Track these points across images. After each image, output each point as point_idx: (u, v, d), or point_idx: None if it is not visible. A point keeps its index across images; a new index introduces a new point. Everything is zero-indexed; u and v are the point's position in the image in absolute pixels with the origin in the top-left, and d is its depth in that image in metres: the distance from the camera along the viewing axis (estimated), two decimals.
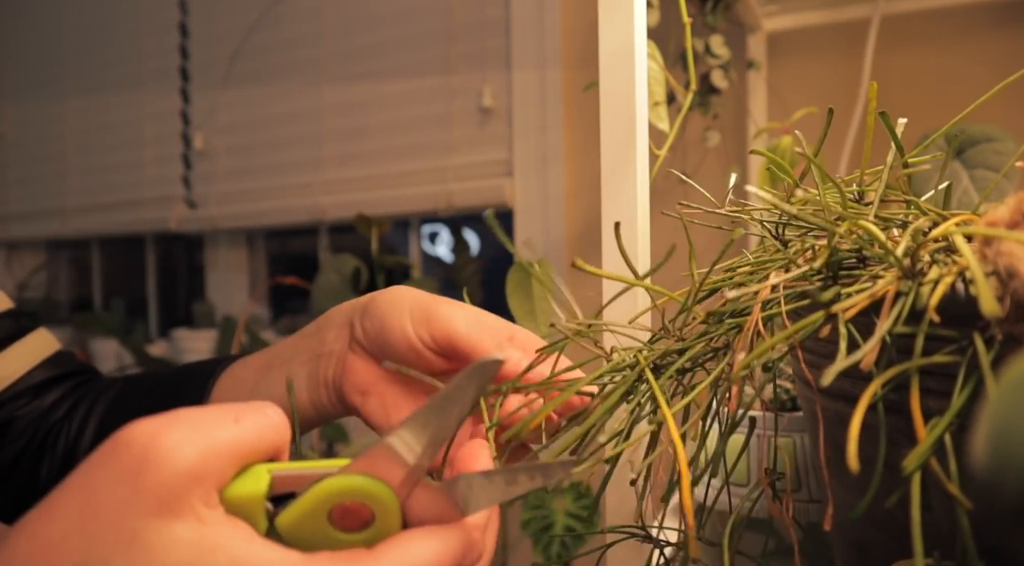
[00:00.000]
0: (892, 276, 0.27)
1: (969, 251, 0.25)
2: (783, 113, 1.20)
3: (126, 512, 0.23)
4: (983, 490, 0.17)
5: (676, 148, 1.33)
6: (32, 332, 0.55)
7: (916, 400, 0.25)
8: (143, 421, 0.24)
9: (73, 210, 2.00)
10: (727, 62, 1.16)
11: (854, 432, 0.23)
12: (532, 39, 1.44)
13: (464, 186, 1.50)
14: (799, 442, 0.55)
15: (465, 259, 1.54)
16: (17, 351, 0.54)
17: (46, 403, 0.54)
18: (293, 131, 1.70)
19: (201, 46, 1.82)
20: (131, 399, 0.54)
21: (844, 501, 0.37)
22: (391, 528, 0.27)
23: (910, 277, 0.27)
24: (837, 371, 0.24)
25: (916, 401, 0.25)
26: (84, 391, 0.56)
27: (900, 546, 0.30)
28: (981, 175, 0.70)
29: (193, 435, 0.24)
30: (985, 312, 0.23)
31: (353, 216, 1.44)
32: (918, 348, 0.26)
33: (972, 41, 1.14)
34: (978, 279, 0.23)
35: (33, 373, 0.54)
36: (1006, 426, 0.17)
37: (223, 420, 0.25)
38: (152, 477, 0.23)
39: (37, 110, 2.05)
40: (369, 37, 1.62)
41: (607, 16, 0.47)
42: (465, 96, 1.52)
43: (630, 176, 0.47)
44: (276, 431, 0.26)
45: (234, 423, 0.25)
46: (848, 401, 0.33)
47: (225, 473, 0.25)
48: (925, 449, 0.23)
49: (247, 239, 1.87)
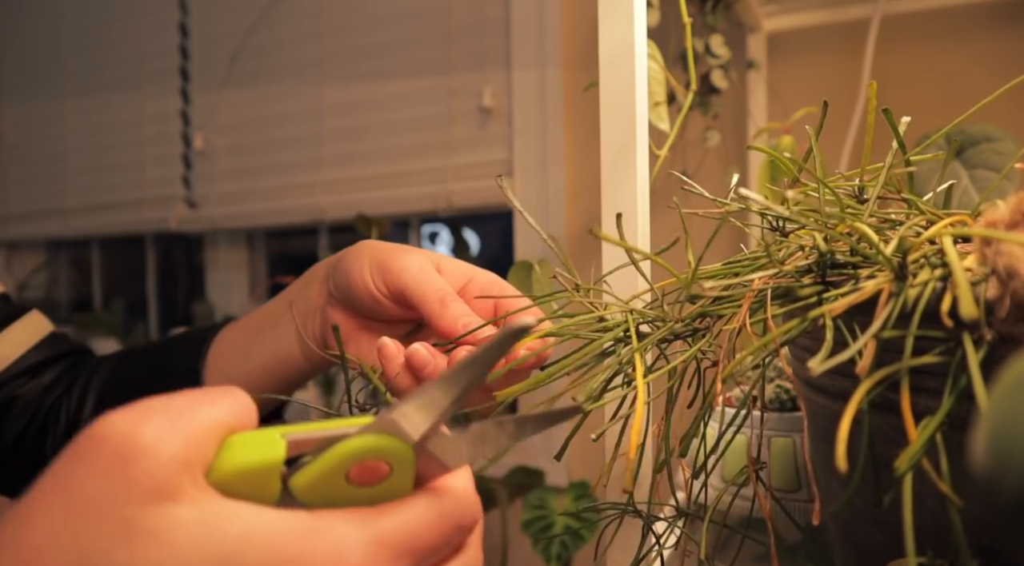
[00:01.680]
0: (884, 278, 0.27)
1: (954, 253, 0.25)
2: (783, 113, 1.20)
3: (118, 504, 0.22)
4: (982, 490, 0.17)
5: (676, 148, 1.33)
6: (25, 314, 0.56)
7: (907, 400, 0.25)
8: (116, 414, 0.24)
9: (73, 210, 2.00)
10: (727, 62, 1.16)
11: (843, 432, 0.23)
12: (532, 39, 1.44)
13: (464, 186, 1.50)
14: (799, 442, 0.54)
15: (465, 259, 1.53)
16: (13, 333, 0.55)
17: (45, 381, 0.55)
18: (293, 131, 1.70)
19: (201, 46, 1.82)
20: (128, 369, 0.56)
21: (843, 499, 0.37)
22: (406, 482, 0.27)
23: (901, 278, 0.27)
24: (821, 370, 0.24)
25: (907, 401, 0.25)
26: (81, 368, 0.57)
27: (900, 546, 0.30)
28: (981, 175, 0.70)
29: (174, 421, 0.24)
30: (963, 316, 0.23)
31: (353, 216, 1.44)
32: (908, 348, 0.26)
33: (972, 41, 1.14)
34: (960, 282, 0.23)
35: (29, 354, 0.55)
36: (1006, 426, 0.17)
37: (198, 404, 0.25)
38: (141, 466, 0.23)
39: (37, 110, 2.05)
40: (369, 37, 1.62)
41: (607, 16, 0.47)
42: (465, 96, 1.52)
43: (630, 176, 0.47)
44: (247, 410, 0.26)
45: (210, 405, 0.25)
46: (846, 400, 0.33)
47: (209, 455, 0.24)
48: (916, 449, 0.23)
49: (247, 239, 1.87)
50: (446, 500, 0.27)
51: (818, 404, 0.37)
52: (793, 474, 0.55)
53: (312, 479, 0.26)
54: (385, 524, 0.25)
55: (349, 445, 0.26)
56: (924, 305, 0.26)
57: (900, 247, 0.27)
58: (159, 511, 0.23)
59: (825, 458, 0.37)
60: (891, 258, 0.27)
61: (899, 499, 0.25)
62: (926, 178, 0.67)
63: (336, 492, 0.26)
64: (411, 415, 0.27)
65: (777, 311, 0.31)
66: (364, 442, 0.26)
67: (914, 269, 0.27)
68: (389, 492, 0.27)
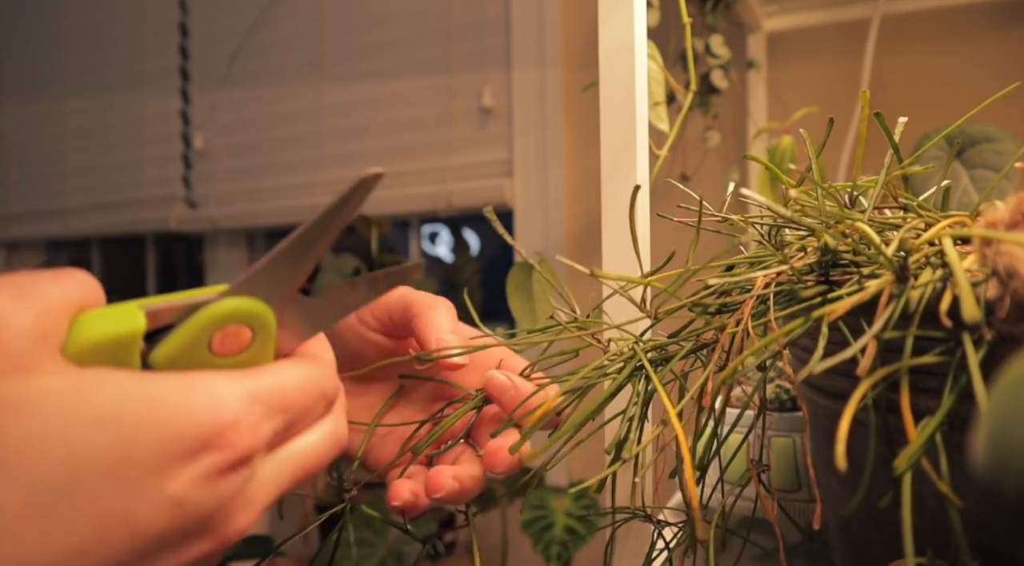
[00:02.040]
0: (885, 279, 0.27)
1: (955, 255, 0.25)
2: (783, 113, 1.20)
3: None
4: (982, 490, 0.17)
5: (676, 148, 1.33)
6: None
7: (906, 400, 0.25)
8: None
9: (73, 210, 2.00)
10: (727, 62, 1.16)
11: (843, 431, 0.23)
12: (532, 39, 1.44)
13: (464, 186, 1.50)
14: (799, 442, 0.55)
15: (465, 259, 1.54)
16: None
17: None
18: (293, 131, 1.70)
19: (201, 46, 1.82)
20: None
21: (843, 501, 0.37)
22: (267, 351, 0.27)
23: (902, 279, 0.27)
24: (820, 370, 0.24)
25: (907, 401, 0.25)
26: None
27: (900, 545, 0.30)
28: (981, 175, 0.70)
29: (20, 297, 0.23)
30: (966, 318, 0.23)
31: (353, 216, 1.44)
32: (908, 348, 0.26)
33: (972, 41, 1.14)
34: (961, 283, 0.23)
35: None
36: (1006, 426, 0.17)
37: (43, 282, 0.24)
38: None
39: (37, 110, 2.05)
40: (369, 37, 1.62)
41: (607, 16, 0.47)
42: (465, 96, 1.52)
43: (630, 176, 0.47)
44: (94, 290, 0.25)
45: (56, 283, 0.24)
46: (846, 400, 0.33)
47: (62, 331, 0.23)
48: (916, 449, 0.23)
49: (247, 239, 1.87)
50: (312, 365, 0.28)
51: (818, 404, 0.37)
52: (793, 474, 0.55)
53: (174, 350, 0.25)
54: (258, 382, 0.25)
55: (211, 310, 0.25)
56: (925, 306, 0.26)
57: (901, 248, 0.27)
58: (21, 384, 0.21)
59: (825, 458, 0.37)
60: (892, 259, 0.27)
61: (900, 499, 0.25)
62: (927, 178, 0.67)
63: (199, 363, 0.25)
64: (268, 279, 0.26)
65: (779, 313, 0.31)
66: (226, 306, 0.25)
67: (915, 270, 0.27)
68: (252, 361, 0.26)
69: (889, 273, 0.27)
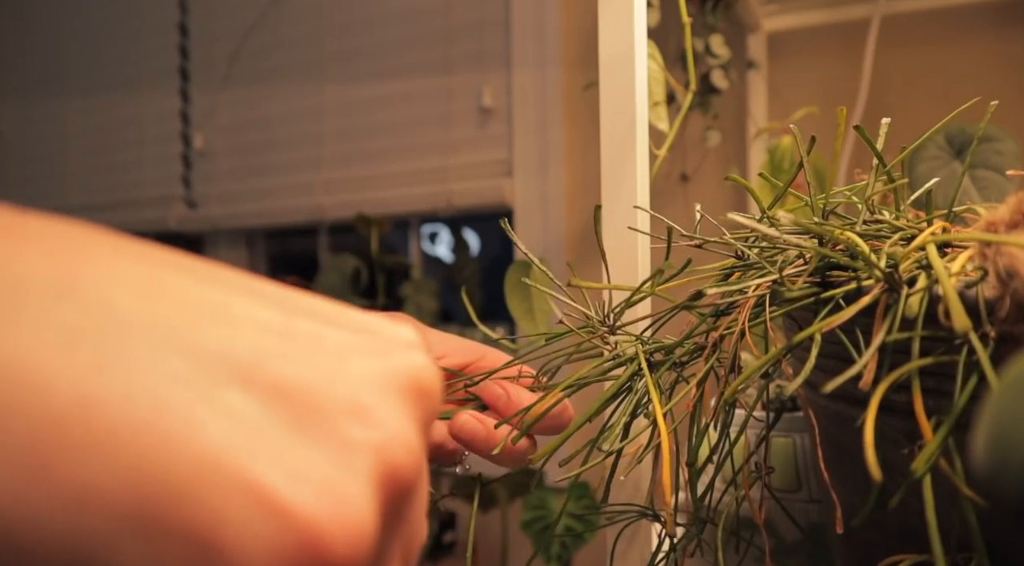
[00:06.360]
0: (879, 288, 0.27)
1: (940, 264, 0.25)
2: (783, 113, 1.20)
3: None
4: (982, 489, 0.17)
5: (676, 148, 1.33)
6: None
7: (919, 402, 0.25)
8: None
9: (73, 210, 2.00)
10: (727, 62, 1.16)
11: (869, 438, 0.23)
12: (532, 39, 1.44)
13: (464, 186, 1.50)
14: (799, 442, 0.55)
15: (465, 259, 1.54)
16: None
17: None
18: (293, 131, 1.70)
19: (201, 46, 1.82)
20: None
21: (844, 501, 0.37)
22: None
23: (896, 288, 0.27)
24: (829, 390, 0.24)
25: (919, 403, 0.25)
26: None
27: (900, 545, 0.30)
28: (981, 175, 0.70)
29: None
30: (957, 328, 0.23)
31: (353, 216, 1.44)
32: (915, 352, 0.26)
33: (972, 41, 1.14)
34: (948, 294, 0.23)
35: None
36: (1006, 426, 0.17)
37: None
38: None
39: (37, 110, 2.05)
40: (369, 37, 1.62)
41: (607, 16, 0.47)
42: (465, 96, 1.52)
43: (630, 176, 0.47)
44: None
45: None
46: (848, 401, 0.33)
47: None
48: (933, 450, 0.23)
49: (247, 239, 1.87)
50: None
51: (818, 405, 0.37)
52: (793, 474, 0.55)
53: None
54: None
55: None
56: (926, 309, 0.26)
57: (890, 259, 0.27)
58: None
59: (825, 458, 0.37)
60: (883, 270, 0.27)
61: (902, 499, 0.25)
62: (927, 178, 0.67)
63: None
64: None
65: (776, 313, 0.31)
66: None
67: (907, 278, 0.27)
68: None
69: (882, 282, 0.27)
